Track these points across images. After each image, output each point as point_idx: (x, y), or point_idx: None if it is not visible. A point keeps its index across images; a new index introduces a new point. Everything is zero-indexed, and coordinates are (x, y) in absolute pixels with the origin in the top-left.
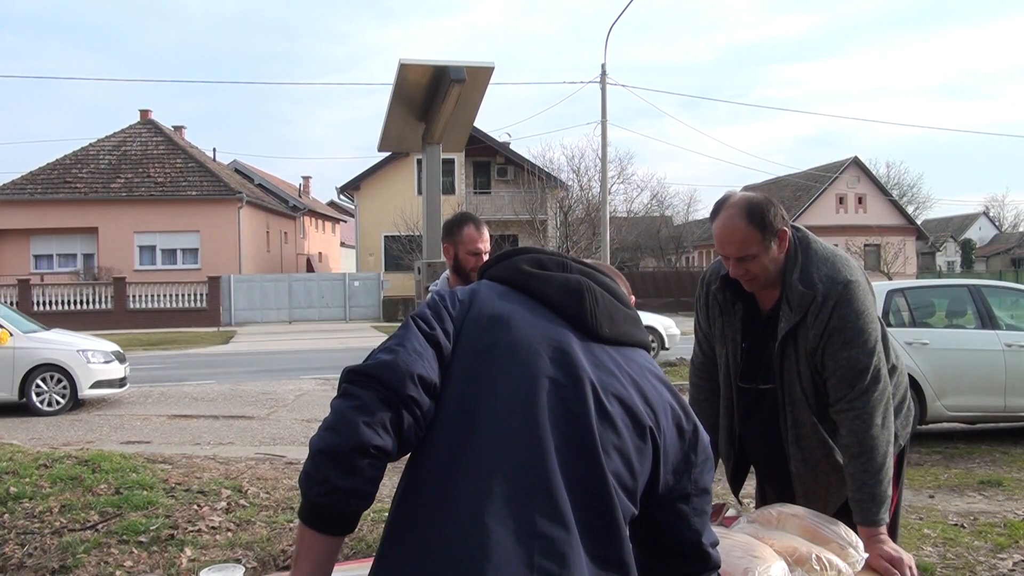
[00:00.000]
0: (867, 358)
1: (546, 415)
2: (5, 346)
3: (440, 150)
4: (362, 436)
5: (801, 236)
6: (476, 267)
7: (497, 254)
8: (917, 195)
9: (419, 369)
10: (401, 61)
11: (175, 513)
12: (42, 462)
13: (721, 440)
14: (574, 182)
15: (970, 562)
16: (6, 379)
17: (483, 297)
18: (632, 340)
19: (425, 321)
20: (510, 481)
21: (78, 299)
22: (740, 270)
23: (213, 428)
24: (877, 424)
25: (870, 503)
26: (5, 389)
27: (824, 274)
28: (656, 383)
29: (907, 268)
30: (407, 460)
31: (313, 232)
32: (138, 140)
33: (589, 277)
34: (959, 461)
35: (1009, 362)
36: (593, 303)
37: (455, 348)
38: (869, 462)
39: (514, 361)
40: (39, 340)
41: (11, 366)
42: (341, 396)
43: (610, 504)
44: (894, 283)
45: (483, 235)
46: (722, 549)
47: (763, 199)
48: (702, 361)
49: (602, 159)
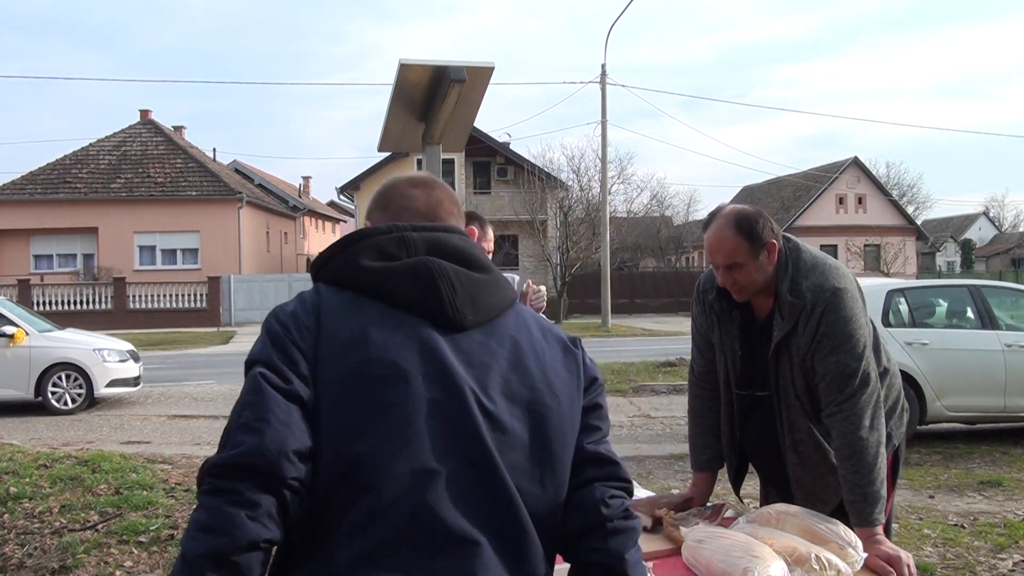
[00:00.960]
0: (855, 362)
1: (430, 447)
2: (22, 345)
3: (440, 150)
4: (249, 532)
5: (792, 246)
6: None
7: (330, 244)
8: (917, 195)
9: (291, 444)
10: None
11: (175, 513)
12: (42, 462)
13: (723, 444)
14: (574, 182)
15: (970, 562)
16: (23, 378)
17: (330, 311)
18: (499, 312)
19: (278, 374)
20: (405, 533)
21: (78, 299)
22: (728, 279)
23: (213, 428)
24: (866, 426)
25: (863, 503)
26: (21, 388)
27: (812, 283)
28: (530, 338)
29: (907, 268)
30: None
31: (313, 232)
32: (138, 140)
33: (437, 249)
34: (959, 461)
35: (1009, 362)
36: (450, 292)
37: (316, 390)
38: (860, 463)
39: (384, 390)
40: (55, 339)
41: (27, 365)
42: (210, 493)
43: (517, 512)
44: (894, 283)
45: (487, 235)
46: (721, 549)
47: (753, 212)
48: (703, 370)
49: (602, 159)
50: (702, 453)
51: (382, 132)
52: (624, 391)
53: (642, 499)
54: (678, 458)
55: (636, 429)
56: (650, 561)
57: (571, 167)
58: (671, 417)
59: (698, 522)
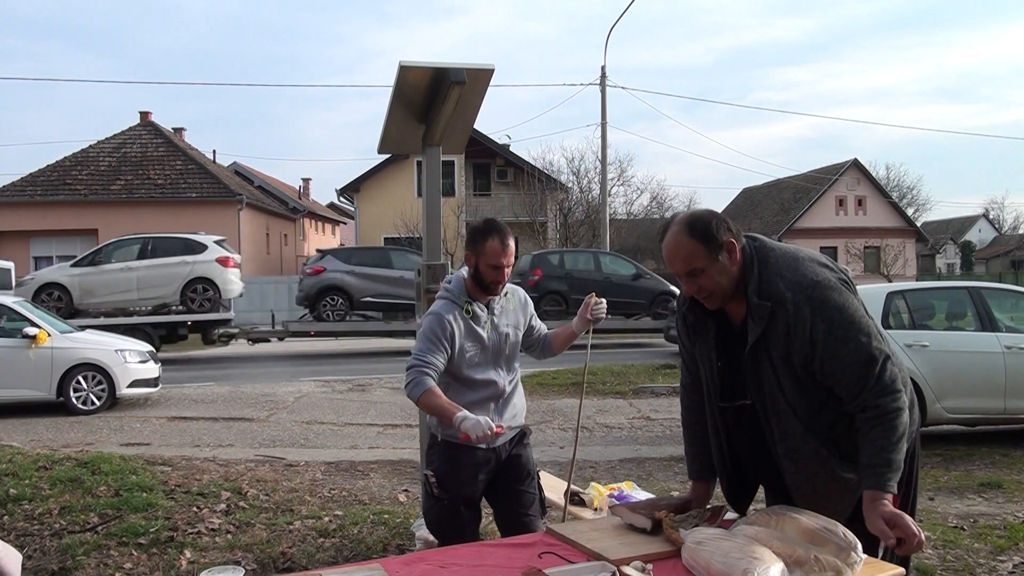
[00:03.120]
0: (868, 343)
1: None
2: (44, 346)
3: (440, 152)
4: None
5: (758, 245)
6: (496, 281)
7: None
8: (917, 197)
9: None
10: (401, 63)
11: (175, 515)
12: (42, 464)
13: (715, 459)
14: (574, 184)
15: (970, 564)
16: (45, 378)
17: None
18: None
19: None
20: None
21: None
22: (693, 286)
23: (213, 430)
24: (899, 393)
25: (885, 468)
26: (43, 388)
27: (790, 280)
28: None
29: (907, 270)
30: None
31: (313, 234)
32: (138, 142)
33: None
34: (959, 463)
35: (1009, 364)
36: None
37: None
38: (891, 431)
39: None
40: (76, 340)
41: (50, 365)
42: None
43: None
44: (894, 285)
45: (507, 250)
46: (721, 550)
47: (705, 213)
48: (690, 383)
49: (602, 161)
50: (694, 462)
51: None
52: (624, 393)
53: (642, 501)
54: (678, 460)
55: (636, 431)
56: (650, 563)
57: (571, 169)
58: (671, 419)
59: (698, 524)
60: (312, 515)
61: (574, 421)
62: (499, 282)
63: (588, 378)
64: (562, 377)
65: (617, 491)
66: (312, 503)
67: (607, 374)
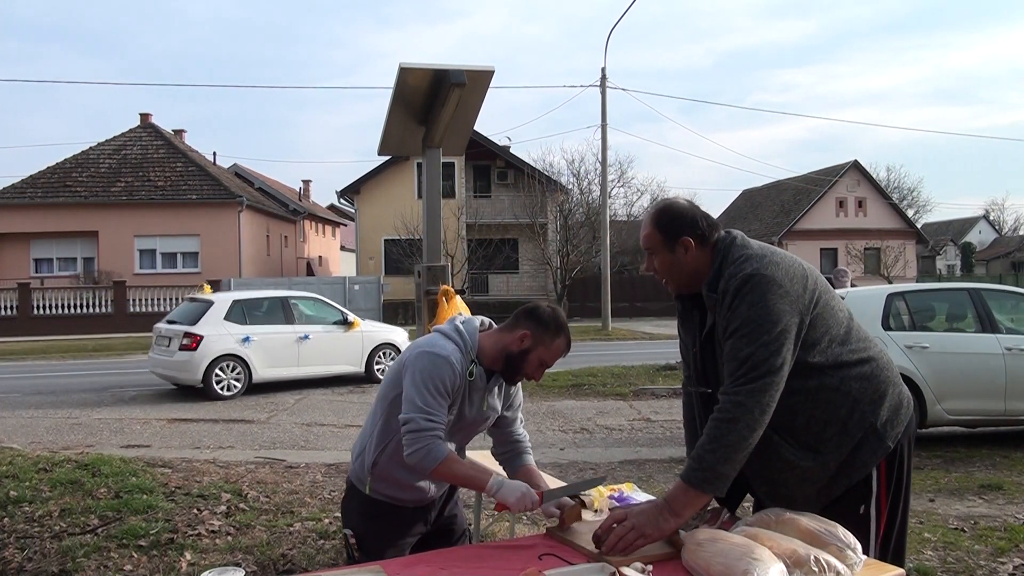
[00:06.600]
0: (748, 347)
1: None
2: (356, 330)
3: (440, 154)
4: None
5: (727, 241)
6: (532, 377)
7: None
8: (917, 199)
9: None
10: (401, 65)
11: (175, 517)
12: (42, 466)
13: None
14: (574, 186)
15: (970, 566)
16: (357, 356)
17: None
18: None
19: None
20: None
21: (78, 303)
22: (649, 265)
23: (213, 432)
24: (754, 418)
25: (694, 463)
26: (356, 364)
27: (732, 272)
28: None
29: (907, 272)
30: None
31: (313, 236)
32: (138, 144)
33: None
34: (959, 465)
35: (1009, 365)
36: None
37: None
38: (721, 433)
39: None
40: (372, 326)
41: (360, 345)
42: None
43: None
44: (894, 287)
45: (563, 356)
46: (721, 551)
47: (679, 207)
48: (688, 375)
49: (602, 163)
50: None
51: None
52: (624, 395)
53: (642, 502)
54: (678, 461)
55: (636, 432)
56: (650, 564)
57: (571, 171)
58: (671, 420)
59: (697, 525)
60: (312, 517)
61: (574, 422)
62: (533, 379)
63: (588, 379)
64: (561, 379)
65: (617, 493)
66: (312, 505)
67: (607, 375)
